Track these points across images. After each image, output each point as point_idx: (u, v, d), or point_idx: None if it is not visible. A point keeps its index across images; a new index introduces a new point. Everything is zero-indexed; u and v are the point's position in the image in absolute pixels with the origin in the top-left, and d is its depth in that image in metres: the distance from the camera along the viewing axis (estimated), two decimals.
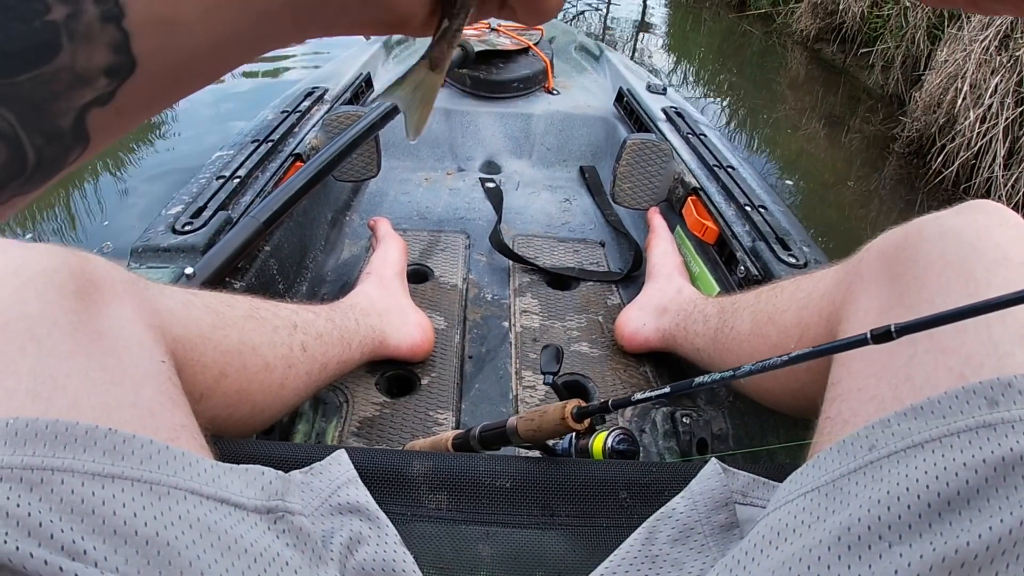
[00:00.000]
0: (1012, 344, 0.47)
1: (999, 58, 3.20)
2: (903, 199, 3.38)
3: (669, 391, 0.64)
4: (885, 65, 4.51)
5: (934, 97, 3.56)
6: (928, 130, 3.60)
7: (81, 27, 0.22)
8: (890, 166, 3.75)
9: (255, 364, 0.76)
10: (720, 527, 0.59)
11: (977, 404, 0.44)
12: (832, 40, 5.32)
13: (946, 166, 3.34)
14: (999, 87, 3.15)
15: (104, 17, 0.22)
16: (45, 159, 0.23)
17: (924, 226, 0.61)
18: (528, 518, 0.66)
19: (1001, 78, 3.15)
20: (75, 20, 0.22)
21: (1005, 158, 3.10)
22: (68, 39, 0.22)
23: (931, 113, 3.58)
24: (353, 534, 0.58)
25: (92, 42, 0.22)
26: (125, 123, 0.25)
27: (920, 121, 3.67)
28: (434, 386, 1.09)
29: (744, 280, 1.14)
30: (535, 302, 1.31)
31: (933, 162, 3.43)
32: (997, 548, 0.38)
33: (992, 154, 3.13)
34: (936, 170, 3.39)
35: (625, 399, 0.66)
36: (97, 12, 0.22)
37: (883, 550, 0.41)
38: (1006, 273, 0.52)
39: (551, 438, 0.71)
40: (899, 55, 4.32)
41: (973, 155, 3.21)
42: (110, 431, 0.47)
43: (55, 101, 0.22)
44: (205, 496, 0.49)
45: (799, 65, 5.41)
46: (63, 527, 0.41)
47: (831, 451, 0.50)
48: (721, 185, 1.35)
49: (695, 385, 0.60)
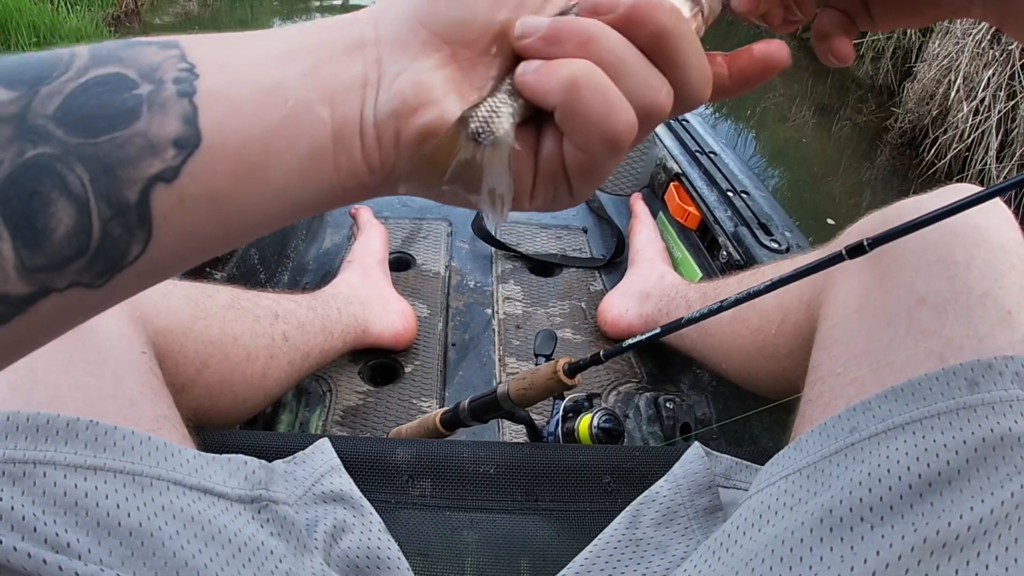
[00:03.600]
0: (992, 327, 0.48)
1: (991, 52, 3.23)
2: (896, 190, 3.40)
3: (660, 331, 0.65)
4: (875, 56, 4.53)
5: (927, 89, 3.59)
6: (921, 122, 3.63)
7: (160, 99, 0.24)
8: (883, 157, 3.77)
9: (237, 354, 0.76)
10: (703, 510, 0.60)
11: (957, 386, 0.45)
12: None
13: (939, 158, 3.37)
14: (992, 80, 3.18)
15: (180, 93, 0.25)
16: (109, 237, 0.24)
17: (904, 209, 0.62)
18: (512, 504, 0.66)
19: (994, 71, 3.18)
20: (156, 94, 0.24)
21: (998, 150, 3.14)
22: (148, 108, 0.24)
23: (924, 105, 3.61)
24: (337, 522, 0.58)
25: (167, 112, 0.24)
26: (186, 216, 0.25)
27: (913, 113, 3.70)
28: (417, 374, 1.09)
29: (726, 265, 1.14)
30: (518, 289, 1.31)
31: (926, 154, 3.46)
32: (979, 528, 0.38)
33: (985, 146, 3.16)
34: (929, 162, 3.42)
35: (617, 348, 0.66)
36: (175, 89, 0.25)
37: (865, 531, 0.41)
38: (985, 255, 0.53)
39: (543, 397, 0.71)
40: (890, 46, 4.34)
41: (966, 147, 3.24)
42: (91, 423, 0.46)
43: (126, 167, 0.23)
44: (188, 486, 0.49)
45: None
46: (46, 520, 0.41)
47: (813, 434, 0.50)
48: (703, 171, 1.35)
49: (685, 322, 0.62)
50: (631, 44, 0.28)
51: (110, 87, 0.24)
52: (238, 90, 0.26)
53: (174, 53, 0.25)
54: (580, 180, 0.30)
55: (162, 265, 0.26)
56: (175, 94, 0.24)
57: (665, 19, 0.28)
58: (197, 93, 0.25)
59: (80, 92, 0.23)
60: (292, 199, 0.28)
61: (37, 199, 0.22)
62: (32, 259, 0.23)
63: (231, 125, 0.25)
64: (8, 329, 0.23)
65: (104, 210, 0.23)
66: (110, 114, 0.23)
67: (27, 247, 0.22)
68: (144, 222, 0.24)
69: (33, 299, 0.23)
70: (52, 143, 0.23)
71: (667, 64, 0.28)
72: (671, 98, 0.29)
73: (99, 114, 0.23)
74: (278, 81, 0.26)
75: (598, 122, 0.27)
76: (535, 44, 0.28)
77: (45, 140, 0.23)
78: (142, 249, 0.24)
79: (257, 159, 0.26)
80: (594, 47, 0.28)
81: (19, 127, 0.22)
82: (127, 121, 0.23)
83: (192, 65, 0.25)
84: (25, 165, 0.22)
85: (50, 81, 0.23)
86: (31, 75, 0.23)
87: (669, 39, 0.28)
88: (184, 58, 0.25)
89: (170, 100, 0.24)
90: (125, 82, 0.24)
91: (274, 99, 0.26)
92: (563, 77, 0.27)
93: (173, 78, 0.25)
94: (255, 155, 0.26)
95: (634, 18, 0.28)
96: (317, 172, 0.28)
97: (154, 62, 0.25)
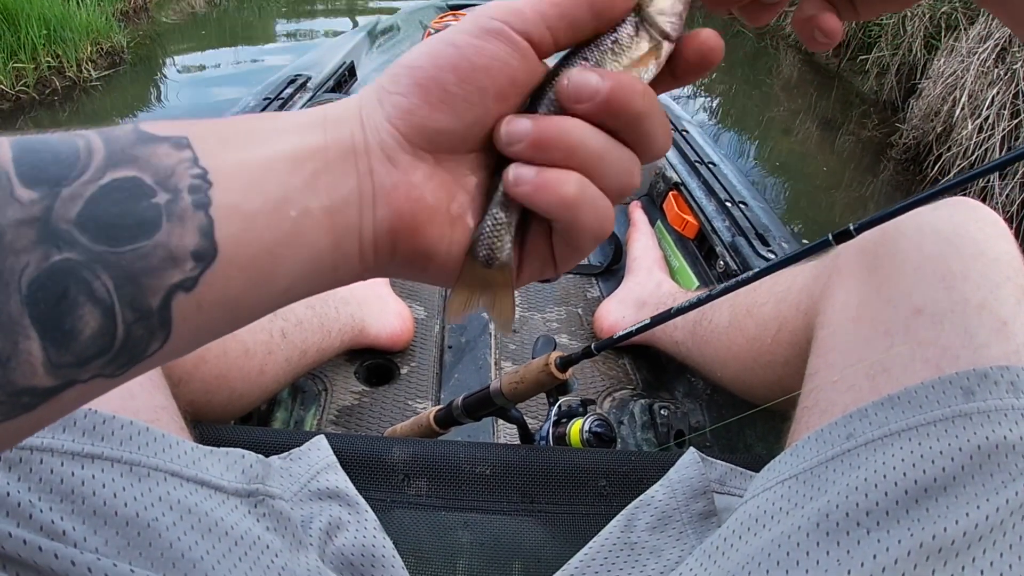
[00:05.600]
0: (988, 336, 0.48)
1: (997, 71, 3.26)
2: None
3: (650, 322, 0.66)
4: (880, 72, 4.55)
5: (932, 106, 3.61)
6: (925, 138, 3.65)
7: (178, 211, 0.25)
8: (886, 172, 3.79)
9: (234, 349, 0.76)
10: (698, 515, 0.60)
11: (953, 394, 0.45)
12: None
13: (943, 174, 3.39)
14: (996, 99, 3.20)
15: (196, 204, 0.25)
16: (131, 338, 0.25)
17: (902, 222, 0.62)
18: (508, 505, 0.66)
19: (999, 90, 3.21)
20: (174, 204, 0.25)
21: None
22: (167, 219, 0.25)
23: (929, 121, 3.64)
24: (332, 519, 0.58)
25: (185, 224, 0.25)
26: (204, 321, 0.27)
27: (918, 129, 3.73)
28: (413, 375, 1.09)
29: (723, 275, 1.14)
30: (515, 293, 1.31)
31: (930, 170, 3.48)
32: (974, 534, 0.39)
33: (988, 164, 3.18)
34: (933, 178, 3.44)
35: (608, 340, 0.66)
36: (191, 200, 0.25)
37: (861, 536, 0.42)
38: (981, 267, 0.53)
39: (536, 392, 0.71)
40: (895, 63, 4.37)
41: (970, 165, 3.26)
42: (90, 411, 0.46)
43: (149, 276, 0.24)
44: (185, 478, 0.49)
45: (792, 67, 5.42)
46: (43, 507, 0.41)
47: (809, 440, 0.51)
48: (702, 181, 1.36)
49: (676, 311, 0.62)
50: (608, 137, 0.30)
51: (128, 194, 0.25)
52: (251, 204, 0.27)
53: (187, 156, 0.26)
54: (566, 262, 0.33)
55: (177, 353, 0.27)
56: (191, 206, 0.25)
57: (640, 105, 0.30)
58: (212, 205, 0.26)
59: (101, 197, 0.24)
60: (294, 295, 0.30)
61: (65, 303, 0.23)
62: (59, 357, 0.24)
63: (245, 238, 0.27)
64: (32, 416, 0.24)
65: (128, 315, 0.24)
66: (131, 223, 0.24)
67: (55, 346, 0.23)
68: (165, 324, 0.25)
69: (58, 391, 0.24)
70: (77, 249, 0.23)
71: (638, 140, 0.31)
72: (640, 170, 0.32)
73: (120, 223, 0.24)
74: (284, 193, 0.27)
75: (592, 230, 0.30)
76: (524, 152, 0.30)
77: (70, 246, 0.23)
78: (161, 345, 0.26)
79: (267, 267, 0.27)
80: (580, 153, 0.29)
81: (43, 230, 0.23)
82: (148, 232, 0.24)
83: (205, 171, 0.26)
84: (52, 269, 0.23)
85: (70, 182, 0.24)
86: (52, 175, 0.24)
87: (643, 122, 0.30)
88: (197, 162, 0.26)
89: (187, 212, 0.25)
90: (143, 188, 0.25)
91: (282, 212, 0.27)
92: (562, 197, 0.29)
93: (188, 186, 0.25)
94: (265, 264, 0.27)
95: (612, 108, 0.29)
96: (318, 274, 0.30)
97: (168, 166, 0.25)
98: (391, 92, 0.30)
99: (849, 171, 3.82)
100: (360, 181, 0.29)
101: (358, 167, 0.29)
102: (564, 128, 0.29)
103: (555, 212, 0.30)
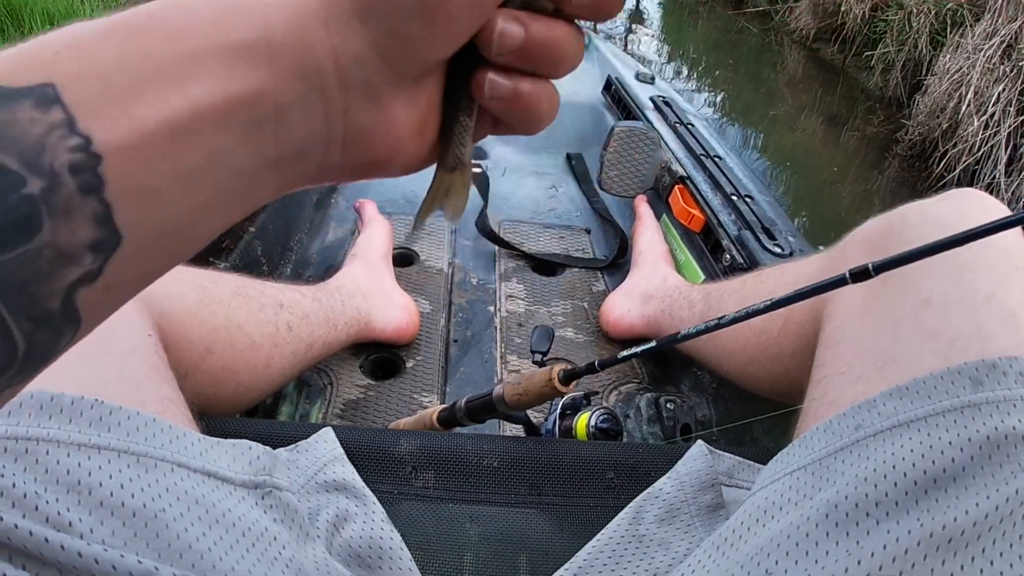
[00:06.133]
0: (997, 327, 0.48)
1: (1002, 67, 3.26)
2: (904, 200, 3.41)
3: (655, 344, 0.64)
4: (885, 68, 4.54)
5: (938, 103, 3.62)
6: (931, 134, 3.66)
7: (61, 201, 0.21)
8: (891, 168, 3.79)
9: (241, 342, 0.76)
10: (706, 507, 0.60)
11: (962, 385, 0.45)
12: (832, 40, 5.32)
13: (948, 170, 3.39)
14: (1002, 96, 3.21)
15: (83, 189, 0.21)
16: (35, 345, 0.22)
17: (908, 213, 0.62)
18: (515, 497, 0.66)
19: (1004, 87, 3.22)
20: (53, 193, 0.20)
21: (1006, 164, 3.18)
22: (49, 214, 0.20)
23: (935, 118, 3.64)
24: (339, 512, 0.58)
25: (74, 217, 0.21)
26: (116, 299, 0.24)
27: (924, 125, 3.73)
28: (419, 369, 1.09)
29: (729, 268, 1.14)
30: (520, 287, 1.31)
31: (935, 166, 3.49)
32: (984, 524, 0.39)
33: (994, 160, 3.21)
34: (938, 174, 3.45)
35: (611, 358, 0.66)
36: (75, 184, 0.21)
37: (871, 527, 0.42)
38: (990, 257, 0.53)
39: (538, 403, 0.71)
40: (900, 59, 4.36)
41: (975, 161, 3.27)
42: (96, 402, 0.46)
43: (41, 282, 0.21)
44: (192, 469, 0.49)
45: (796, 63, 5.41)
46: (49, 498, 0.41)
47: (817, 431, 0.50)
48: (708, 174, 1.35)
49: (681, 337, 0.61)
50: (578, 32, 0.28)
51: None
52: (158, 177, 0.22)
53: (58, 119, 0.21)
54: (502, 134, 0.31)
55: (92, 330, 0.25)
56: (77, 192, 0.21)
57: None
58: (106, 187, 0.21)
59: None
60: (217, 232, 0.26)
61: None
62: None
63: (158, 216, 0.23)
64: None
65: (25, 325, 0.21)
66: (3, 225, 0.20)
67: None
68: (72, 319, 0.23)
69: None
70: None
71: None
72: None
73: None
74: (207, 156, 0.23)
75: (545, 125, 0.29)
76: (509, 60, 0.27)
77: None
78: (72, 337, 0.23)
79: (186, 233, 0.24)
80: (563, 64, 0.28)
81: None
82: (28, 234, 0.20)
83: (87, 140, 0.21)
84: None
85: None
86: None
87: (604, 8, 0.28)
88: (73, 127, 0.21)
89: (73, 201, 0.21)
90: (8, 177, 0.20)
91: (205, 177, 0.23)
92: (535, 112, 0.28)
93: (68, 164, 0.21)
94: (184, 232, 0.24)
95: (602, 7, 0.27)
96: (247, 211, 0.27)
97: (35, 138, 0.20)
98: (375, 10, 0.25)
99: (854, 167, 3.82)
100: (330, 125, 0.25)
101: (327, 110, 0.25)
102: (555, 38, 0.27)
103: (522, 123, 0.29)
